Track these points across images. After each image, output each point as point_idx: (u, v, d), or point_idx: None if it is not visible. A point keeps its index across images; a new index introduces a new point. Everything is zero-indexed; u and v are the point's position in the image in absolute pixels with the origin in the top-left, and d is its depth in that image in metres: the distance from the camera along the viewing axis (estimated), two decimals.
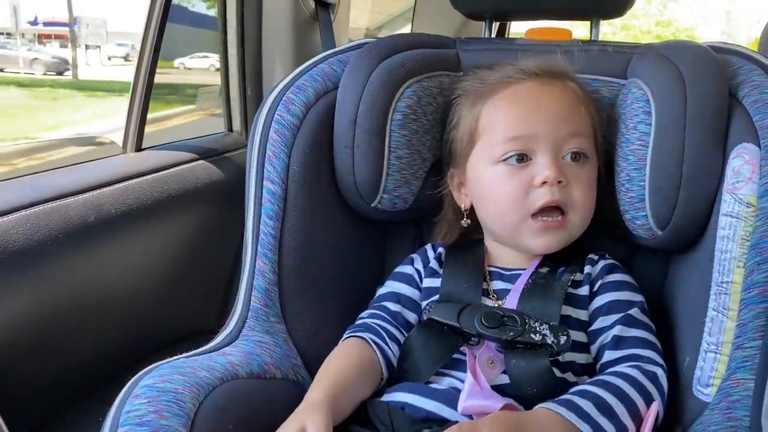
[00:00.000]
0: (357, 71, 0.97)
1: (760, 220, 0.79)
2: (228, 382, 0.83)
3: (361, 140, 0.96)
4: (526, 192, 0.87)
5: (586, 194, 0.89)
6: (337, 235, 1.03)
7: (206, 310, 1.36)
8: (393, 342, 0.92)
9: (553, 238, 0.89)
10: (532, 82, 0.91)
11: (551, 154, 0.87)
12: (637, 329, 0.86)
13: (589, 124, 0.92)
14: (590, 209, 0.91)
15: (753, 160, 0.81)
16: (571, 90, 0.92)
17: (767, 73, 0.86)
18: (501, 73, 0.93)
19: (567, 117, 0.88)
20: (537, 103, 0.89)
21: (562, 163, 0.88)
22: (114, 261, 1.14)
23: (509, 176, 0.88)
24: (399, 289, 0.99)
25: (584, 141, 0.89)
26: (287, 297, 0.97)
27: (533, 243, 0.90)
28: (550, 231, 0.88)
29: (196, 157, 1.36)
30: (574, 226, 0.89)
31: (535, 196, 0.87)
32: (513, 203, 0.88)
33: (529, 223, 0.88)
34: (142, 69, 1.29)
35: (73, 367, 1.09)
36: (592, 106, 0.94)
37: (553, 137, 0.87)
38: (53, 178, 1.10)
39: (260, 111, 1.01)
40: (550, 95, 0.90)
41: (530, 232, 0.89)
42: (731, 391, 0.78)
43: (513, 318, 0.84)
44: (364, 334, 0.93)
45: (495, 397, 0.79)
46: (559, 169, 0.87)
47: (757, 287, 0.78)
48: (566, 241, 0.90)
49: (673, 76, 0.86)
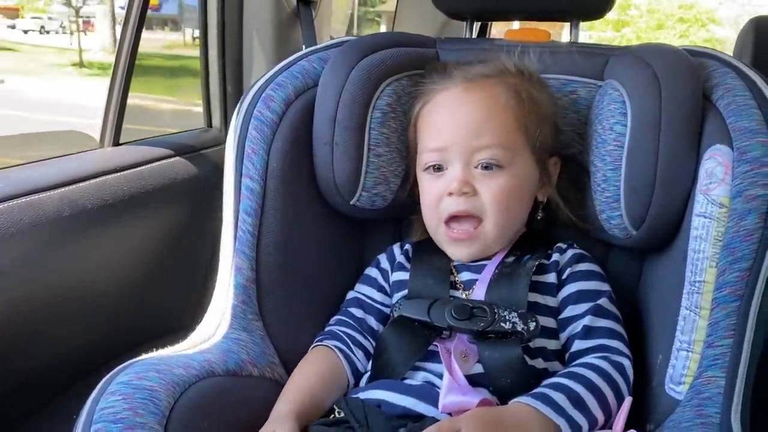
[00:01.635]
0: (337, 69, 0.97)
1: (732, 220, 0.81)
2: (204, 379, 0.82)
3: (340, 138, 0.96)
4: (440, 200, 0.92)
5: (497, 200, 0.90)
6: (316, 233, 1.03)
7: (183, 307, 1.35)
8: (358, 348, 0.95)
9: (466, 248, 0.93)
10: (457, 89, 0.93)
11: (461, 164, 0.90)
12: (605, 319, 0.88)
13: (514, 129, 0.91)
14: (506, 215, 0.92)
15: (726, 162, 0.83)
16: (499, 94, 0.92)
17: (741, 76, 0.88)
18: (440, 77, 0.95)
19: (479, 128, 0.90)
20: (454, 114, 0.92)
21: (474, 172, 0.90)
22: (89, 257, 1.13)
23: (429, 183, 0.94)
24: (364, 293, 1.01)
25: (498, 151, 0.90)
26: (265, 294, 0.97)
27: (450, 250, 0.95)
28: (460, 242, 0.93)
29: (175, 153, 1.35)
30: (487, 234, 0.92)
31: (444, 204, 0.92)
32: (431, 209, 0.94)
33: (442, 229, 0.93)
34: (120, 64, 1.28)
35: (48, 364, 1.08)
36: (536, 106, 0.93)
37: (463, 149, 0.90)
38: (29, 173, 1.08)
39: (239, 107, 1.00)
40: (468, 105, 0.92)
41: (445, 240, 0.94)
42: (703, 388, 0.80)
43: (482, 309, 0.85)
44: (330, 342, 0.95)
45: (472, 392, 0.80)
46: (466, 179, 0.90)
47: (729, 286, 0.80)
48: (483, 249, 0.93)
49: (648, 78, 0.87)
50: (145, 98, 2.34)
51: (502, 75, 0.94)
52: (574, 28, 1.13)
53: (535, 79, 0.96)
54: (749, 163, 0.81)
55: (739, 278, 0.79)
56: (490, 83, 0.93)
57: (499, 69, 0.94)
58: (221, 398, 0.83)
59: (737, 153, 0.82)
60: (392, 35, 1.24)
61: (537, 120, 0.93)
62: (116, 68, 1.29)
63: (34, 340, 1.04)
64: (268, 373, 0.93)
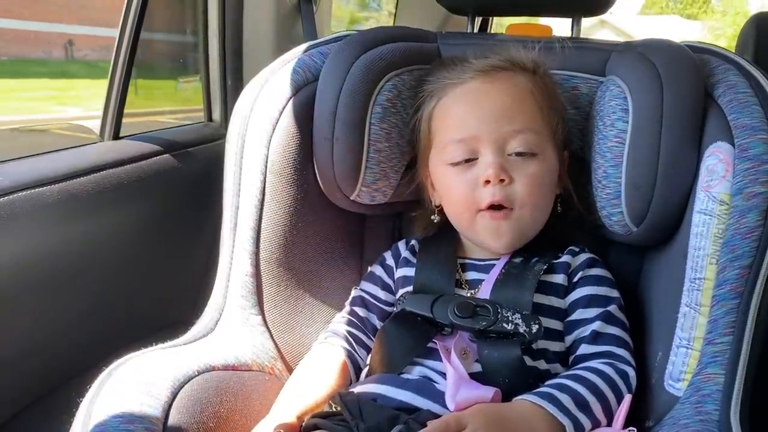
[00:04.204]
0: (337, 63, 0.97)
1: (733, 217, 0.81)
2: (203, 373, 0.83)
3: (340, 132, 0.96)
4: (473, 190, 0.89)
5: (532, 190, 0.89)
6: (316, 228, 1.03)
7: (182, 301, 1.34)
8: (362, 348, 0.96)
9: (507, 236, 0.90)
10: (476, 81, 0.91)
11: (494, 152, 0.88)
12: (614, 327, 0.87)
13: (540, 118, 0.91)
14: (540, 203, 0.91)
15: (727, 159, 0.82)
16: (521, 84, 0.91)
17: (743, 72, 0.87)
18: (452, 72, 0.94)
19: (510, 114, 0.89)
20: (479, 103, 0.90)
21: (508, 159, 0.89)
22: (88, 251, 1.12)
23: (458, 176, 0.90)
24: (369, 291, 1.00)
25: (531, 137, 0.89)
26: (264, 288, 0.97)
27: (490, 242, 0.91)
28: (500, 225, 0.89)
29: (175, 147, 1.34)
30: (523, 218, 0.90)
31: (480, 194, 0.89)
32: (464, 202, 0.90)
33: (479, 219, 0.90)
34: (121, 57, 1.28)
35: (46, 359, 1.08)
36: (552, 99, 0.93)
37: (495, 136, 0.88)
38: (28, 166, 1.08)
39: (239, 102, 1.00)
40: (493, 93, 0.90)
41: (485, 230, 0.90)
42: (702, 385, 0.80)
43: (485, 308, 0.85)
44: (335, 341, 0.95)
45: (484, 387, 0.79)
46: (502, 166, 0.87)
47: (729, 284, 0.80)
48: (520, 236, 0.91)
49: (650, 75, 0.87)
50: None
51: (516, 67, 0.93)
52: (576, 24, 1.13)
53: (549, 74, 0.96)
54: (750, 160, 0.80)
55: (740, 276, 0.79)
56: (508, 74, 0.91)
57: (512, 62, 0.93)
58: (220, 392, 0.83)
59: (738, 150, 0.82)
60: (393, 30, 1.24)
61: (555, 112, 0.93)
62: (116, 62, 1.28)
63: (32, 334, 1.04)
64: (267, 367, 0.93)
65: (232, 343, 0.91)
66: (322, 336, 0.98)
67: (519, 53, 0.94)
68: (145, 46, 1.40)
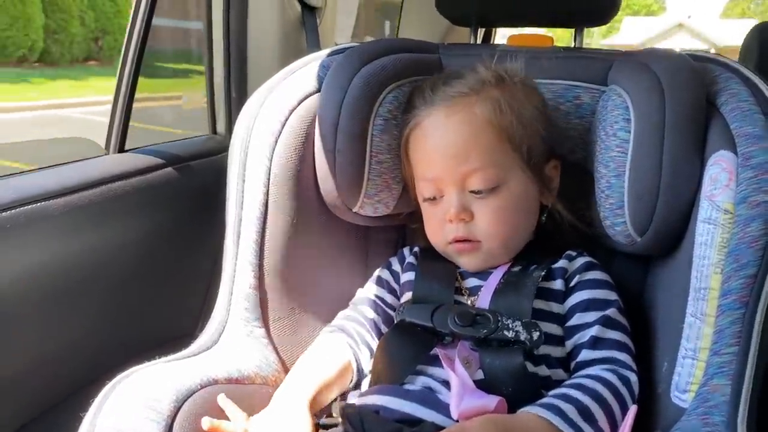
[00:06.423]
0: (339, 75, 0.97)
1: (737, 226, 0.80)
2: (206, 387, 0.83)
3: (342, 145, 0.96)
4: (442, 225, 0.93)
5: (497, 223, 0.91)
6: (319, 240, 1.03)
7: (185, 314, 1.35)
8: (365, 347, 0.96)
9: (474, 259, 0.94)
10: (439, 114, 0.92)
11: (456, 191, 0.91)
12: (614, 331, 0.87)
13: (499, 148, 0.90)
14: (510, 231, 0.93)
15: (730, 168, 0.82)
16: (479, 113, 0.90)
17: (745, 81, 0.87)
18: (422, 101, 0.94)
19: (465, 153, 0.90)
20: (440, 140, 0.92)
21: (469, 197, 0.91)
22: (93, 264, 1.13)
23: (430, 210, 0.95)
24: (377, 294, 1.00)
25: (489, 172, 0.89)
26: (268, 301, 0.97)
27: (462, 262, 0.95)
28: (467, 253, 0.93)
29: (179, 160, 1.35)
30: (492, 249, 0.92)
31: (447, 230, 0.93)
32: (435, 233, 0.95)
33: (449, 248, 0.94)
34: (126, 68, 1.28)
35: (51, 372, 1.08)
36: (521, 113, 0.91)
37: (455, 177, 0.90)
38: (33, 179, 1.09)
39: (242, 114, 1.00)
40: (450, 129, 0.91)
41: (454, 256, 0.95)
42: (708, 396, 0.79)
43: (485, 316, 0.85)
44: (341, 335, 0.95)
45: (488, 395, 0.79)
46: (463, 206, 0.91)
47: (734, 293, 0.79)
48: (489, 259, 0.93)
49: (651, 84, 0.87)
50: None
51: (482, 89, 0.92)
52: (578, 35, 1.13)
53: (518, 83, 0.94)
54: (754, 168, 0.80)
55: (745, 285, 0.78)
56: (470, 102, 0.91)
57: (478, 82, 0.92)
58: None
59: (741, 159, 0.81)
60: (395, 41, 1.24)
61: (523, 129, 0.91)
62: (122, 74, 1.29)
63: (37, 347, 1.04)
64: (271, 380, 0.93)
65: (235, 356, 0.90)
66: (326, 329, 0.98)
67: (484, 71, 0.93)
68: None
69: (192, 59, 1.66)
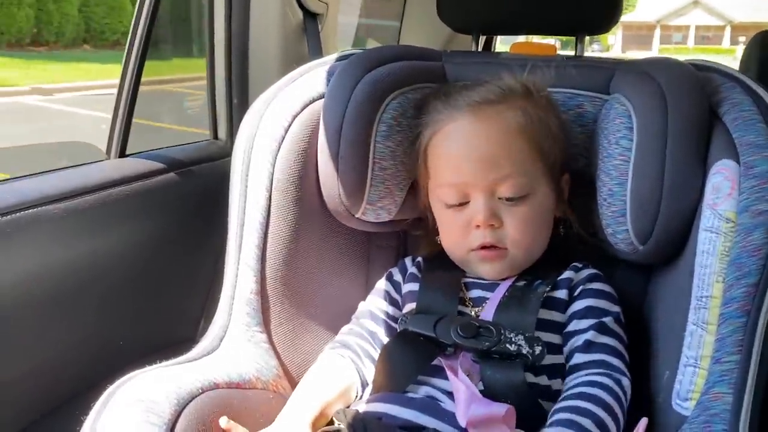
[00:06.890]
0: (342, 82, 0.98)
1: (739, 235, 0.80)
2: (207, 391, 0.82)
3: (345, 151, 0.96)
4: (466, 232, 0.92)
5: (525, 231, 0.91)
6: (321, 246, 1.03)
7: (186, 319, 1.34)
8: (369, 360, 0.95)
9: (498, 267, 0.93)
10: (465, 120, 0.91)
11: (485, 197, 0.90)
12: (608, 337, 0.88)
13: (530, 156, 0.91)
14: (534, 240, 0.93)
15: (732, 177, 0.82)
16: (510, 120, 0.91)
17: (747, 90, 0.87)
18: (445, 106, 0.94)
19: (497, 161, 0.89)
20: (469, 146, 0.91)
21: (497, 203, 0.90)
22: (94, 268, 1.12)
23: (452, 217, 0.93)
24: (377, 306, 1.00)
25: (520, 180, 0.90)
26: (269, 307, 0.97)
27: (482, 270, 0.94)
28: (492, 261, 0.92)
29: (181, 165, 1.35)
30: (518, 257, 0.92)
31: (473, 236, 0.92)
32: (457, 241, 0.94)
33: (472, 255, 0.93)
34: (128, 73, 1.28)
35: (50, 377, 1.08)
36: (547, 124, 0.92)
37: (485, 183, 0.90)
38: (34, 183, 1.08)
39: (245, 119, 1.01)
40: (481, 136, 0.91)
41: (476, 263, 0.94)
42: (710, 404, 0.79)
43: (489, 329, 0.85)
44: (344, 351, 0.95)
45: (496, 403, 0.79)
46: (492, 211, 0.90)
47: (736, 302, 0.79)
48: (512, 267, 0.93)
49: (654, 93, 0.87)
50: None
51: (508, 98, 0.92)
52: (580, 43, 1.14)
53: (544, 97, 0.95)
54: (756, 178, 0.80)
55: (747, 294, 0.79)
56: (499, 109, 0.91)
57: (505, 91, 0.93)
58: (224, 410, 0.82)
59: (744, 168, 0.82)
60: (398, 48, 1.25)
61: (550, 140, 0.92)
62: (123, 79, 1.29)
63: (36, 352, 1.04)
64: (272, 385, 0.93)
65: (236, 361, 0.90)
66: (329, 346, 0.97)
67: (511, 79, 0.94)
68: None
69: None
